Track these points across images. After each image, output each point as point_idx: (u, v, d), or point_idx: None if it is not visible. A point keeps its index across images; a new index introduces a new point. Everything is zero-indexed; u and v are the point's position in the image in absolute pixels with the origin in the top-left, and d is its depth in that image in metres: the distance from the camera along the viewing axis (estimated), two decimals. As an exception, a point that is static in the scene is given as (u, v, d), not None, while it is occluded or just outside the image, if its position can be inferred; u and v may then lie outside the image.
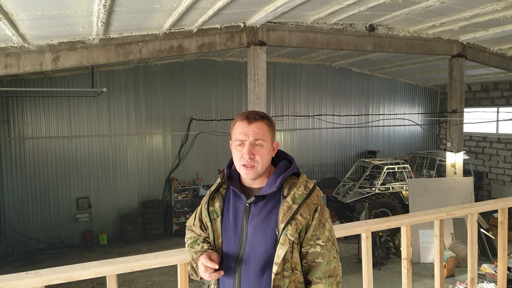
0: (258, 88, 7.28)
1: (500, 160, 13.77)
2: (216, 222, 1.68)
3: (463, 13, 7.30)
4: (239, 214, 1.65)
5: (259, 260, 1.58)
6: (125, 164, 11.24)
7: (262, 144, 1.62)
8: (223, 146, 12.24)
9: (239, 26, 7.17)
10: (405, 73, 14.08)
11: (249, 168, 1.62)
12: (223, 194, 1.74)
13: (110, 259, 1.81)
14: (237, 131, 1.65)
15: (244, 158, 1.61)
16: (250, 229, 1.61)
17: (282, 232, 1.53)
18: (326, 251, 1.60)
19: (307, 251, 1.60)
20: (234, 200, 1.69)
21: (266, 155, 1.64)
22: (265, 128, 1.65)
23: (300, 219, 1.54)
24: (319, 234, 1.60)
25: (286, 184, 1.63)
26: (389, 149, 14.94)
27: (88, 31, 5.96)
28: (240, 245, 1.62)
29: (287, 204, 1.56)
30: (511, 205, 2.77)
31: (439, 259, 2.58)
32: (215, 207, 1.71)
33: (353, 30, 7.99)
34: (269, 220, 1.59)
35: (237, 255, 1.62)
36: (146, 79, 11.26)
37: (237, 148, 1.65)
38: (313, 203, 1.59)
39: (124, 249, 10.46)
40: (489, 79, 13.37)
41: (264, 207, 1.62)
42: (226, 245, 1.65)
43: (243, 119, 1.65)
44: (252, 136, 1.61)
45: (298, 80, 13.10)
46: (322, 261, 1.59)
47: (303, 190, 1.60)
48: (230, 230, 1.65)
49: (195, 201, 11.72)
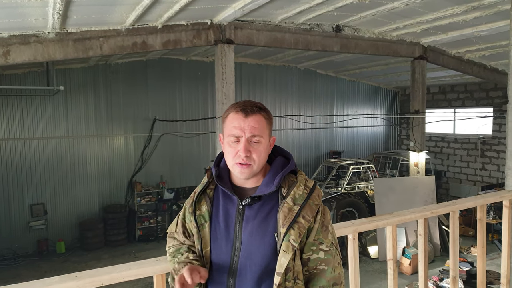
0: (227, 87, 7.10)
1: (457, 159, 14.33)
2: (204, 228, 1.47)
3: (426, 16, 7.47)
4: (230, 218, 1.45)
5: (256, 270, 1.39)
6: (85, 167, 10.68)
7: (259, 140, 1.43)
8: (189, 147, 11.94)
9: (206, 23, 6.97)
10: (368, 75, 14.37)
11: (244, 167, 1.42)
12: (211, 196, 1.52)
13: (75, 273, 1.58)
14: (231, 124, 1.44)
15: (239, 156, 1.41)
16: (244, 235, 1.42)
17: (284, 238, 1.35)
18: (330, 257, 1.43)
19: (309, 257, 1.43)
20: (224, 202, 1.49)
21: (263, 153, 1.45)
22: (263, 122, 1.45)
23: (303, 222, 1.37)
24: (322, 238, 1.43)
25: (285, 183, 1.45)
26: (353, 150, 15.18)
27: (43, 24, 5.54)
28: (233, 253, 1.42)
29: (288, 206, 1.38)
30: (490, 201, 2.76)
31: (423, 258, 2.52)
32: (202, 210, 1.49)
33: (320, 30, 7.99)
34: (266, 224, 1.41)
35: (230, 265, 1.42)
36: (106, 78, 10.76)
37: (231, 144, 1.44)
38: (314, 204, 1.43)
39: (84, 257, 9.92)
40: (446, 82, 13.90)
41: (261, 210, 1.43)
42: (216, 254, 1.45)
43: (239, 111, 1.44)
44: (249, 131, 1.41)
45: (265, 81, 13.03)
46: (326, 268, 1.43)
47: (303, 189, 1.43)
48: (221, 236, 1.45)
49: (160, 205, 11.34)
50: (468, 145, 13.94)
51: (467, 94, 13.91)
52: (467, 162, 13.98)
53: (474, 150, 13.71)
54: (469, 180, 13.94)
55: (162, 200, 11.44)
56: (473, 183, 13.74)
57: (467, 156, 13.97)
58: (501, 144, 12.98)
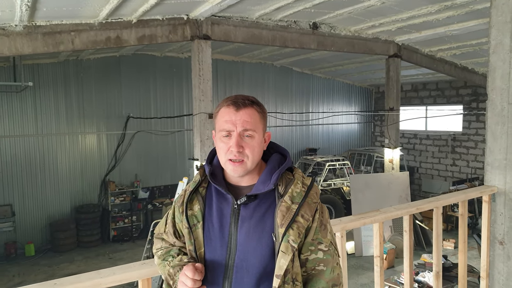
0: (204, 84, 6.98)
1: (429, 156, 14.71)
2: (197, 229, 1.39)
3: (401, 14, 7.59)
4: (225, 218, 1.38)
5: (253, 272, 1.33)
6: (55, 167, 10.30)
7: (252, 135, 1.37)
8: (164, 145, 11.72)
9: (182, 18, 6.83)
10: (343, 73, 14.53)
11: (237, 164, 1.35)
12: (204, 195, 1.44)
13: (54, 280, 1.47)
14: (223, 119, 1.38)
15: (231, 151, 1.35)
16: (240, 235, 1.35)
17: (282, 238, 1.29)
18: (329, 257, 1.38)
19: (307, 257, 1.37)
20: (218, 201, 1.42)
21: (257, 148, 1.38)
22: (256, 116, 1.39)
23: (302, 222, 1.32)
24: (321, 238, 1.38)
25: (282, 181, 1.38)
26: (329, 147, 15.33)
27: (9, 16, 5.28)
28: (228, 255, 1.36)
29: (286, 205, 1.32)
30: (471, 197, 2.80)
31: (408, 254, 2.52)
32: (195, 210, 1.41)
33: (298, 27, 7.99)
34: (263, 224, 1.34)
35: (226, 267, 1.36)
36: (77, 74, 10.40)
37: (223, 140, 1.38)
38: (313, 202, 1.37)
39: (55, 259, 9.59)
40: (419, 80, 14.22)
41: (257, 209, 1.36)
42: (210, 255, 1.38)
43: (230, 105, 1.38)
44: (240, 125, 1.35)
45: (241, 78, 12.94)
46: (325, 269, 1.37)
47: (301, 187, 1.37)
48: (216, 237, 1.38)
49: (134, 205, 11.09)
50: (439, 142, 14.33)
51: (439, 92, 14.28)
52: (439, 158, 14.38)
53: (445, 146, 14.11)
54: (440, 176, 14.33)
55: (137, 199, 11.19)
56: (444, 178, 14.14)
57: (439, 152, 14.36)
58: (470, 141, 13.41)
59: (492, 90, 2.84)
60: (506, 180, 2.82)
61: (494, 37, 2.81)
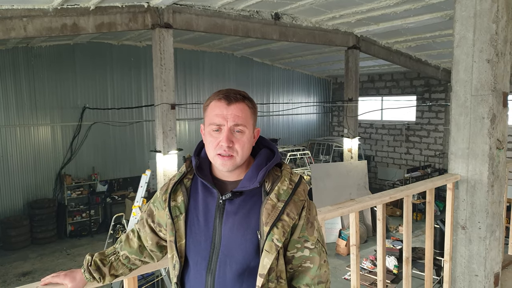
0: (166, 74, 6.81)
1: (385, 145, 15.30)
2: (179, 221, 1.37)
3: (361, 6, 7.77)
4: (210, 212, 1.36)
5: (236, 268, 1.32)
6: (5, 160, 9.71)
7: (243, 130, 1.34)
8: (122, 137, 11.37)
9: (142, 6, 6.61)
10: (302, 64, 14.70)
11: (226, 159, 1.33)
12: (188, 186, 1.41)
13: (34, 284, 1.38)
14: (213, 113, 1.35)
15: (221, 146, 1.32)
16: (225, 230, 1.33)
17: (267, 237, 1.28)
18: (316, 255, 1.37)
19: (293, 255, 1.36)
20: (204, 195, 1.39)
21: (247, 144, 1.36)
22: (247, 112, 1.37)
23: (287, 220, 1.30)
24: (308, 236, 1.36)
25: (268, 178, 1.36)
26: (289, 137, 15.53)
27: (-46, -1, 4.86)
28: (212, 249, 1.34)
29: (271, 203, 1.31)
30: (438, 185, 2.94)
31: (382, 241, 2.61)
32: (178, 201, 1.38)
33: (260, 17, 7.97)
34: (248, 221, 1.32)
35: (209, 261, 1.34)
36: (28, 62, 9.80)
37: (212, 134, 1.34)
38: (300, 199, 1.35)
39: (7, 257, 9.10)
40: (375, 71, 14.68)
41: (242, 205, 1.34)
42: (194, 249, 1.36)
43: (221, 99, 1.35)
44: (231, 120, 1.32)
45: (201, 68, 12.76)
46: (312, 266, 1.37)
47: (288, 184, 1.35)
48: (200, 231, 1.36)
49: (92, 198, 10.71)
50: (394, 131, 14.93)
51: (394, 83, 14.83)
52: (394, 147, 14.99)
53: (400, 135, 14.72)
54: (395, 164, 14.97)
55: (95, 192, 10.82)
56: (399, 166, 14.78)
57: (394, 141, 14.96)
58: (423, 130, 14.07)
59: (456, 82, 2.98)
60: (468, 168, 2.97)
61: (458, 31, 2.94)
